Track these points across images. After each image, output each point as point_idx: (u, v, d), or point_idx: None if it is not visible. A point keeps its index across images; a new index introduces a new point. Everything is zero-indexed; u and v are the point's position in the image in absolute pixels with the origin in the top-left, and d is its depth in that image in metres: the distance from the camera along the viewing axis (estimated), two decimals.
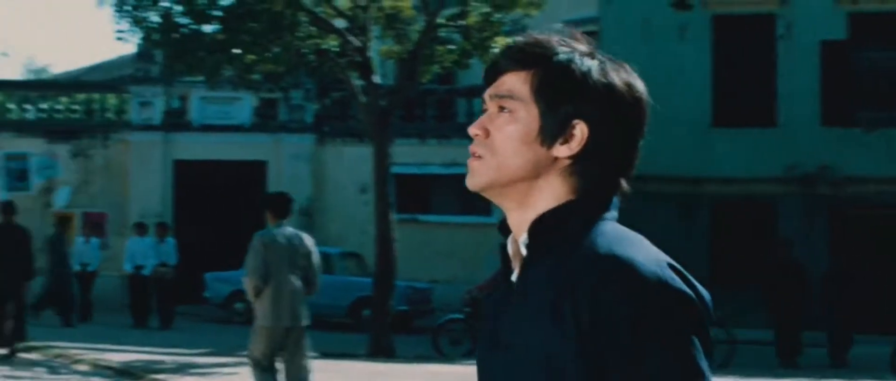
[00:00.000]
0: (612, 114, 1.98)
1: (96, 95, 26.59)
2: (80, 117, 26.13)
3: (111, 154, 25.31)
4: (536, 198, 1.99)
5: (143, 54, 24.38)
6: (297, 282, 9.86)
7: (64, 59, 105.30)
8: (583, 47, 2.02)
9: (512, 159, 1.98)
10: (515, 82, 2.00)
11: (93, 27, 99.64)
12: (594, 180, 1.99)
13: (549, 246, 1.96)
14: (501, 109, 2.01)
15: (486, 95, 2.04)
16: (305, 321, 10.00)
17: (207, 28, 18.39)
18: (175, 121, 25.22)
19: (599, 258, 1.89)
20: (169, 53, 18.93)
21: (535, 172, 1.99)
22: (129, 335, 18.92)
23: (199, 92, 24.34)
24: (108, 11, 25.57)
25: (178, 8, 18.35)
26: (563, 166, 1.99)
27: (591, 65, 1.99)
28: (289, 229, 9.90)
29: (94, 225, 22.95)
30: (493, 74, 2.04)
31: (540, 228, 1.98)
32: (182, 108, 25.45)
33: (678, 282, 1.88)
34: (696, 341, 1.86)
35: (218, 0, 18.26)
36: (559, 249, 1.94)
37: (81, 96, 26.75)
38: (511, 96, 2.00)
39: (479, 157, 2.01)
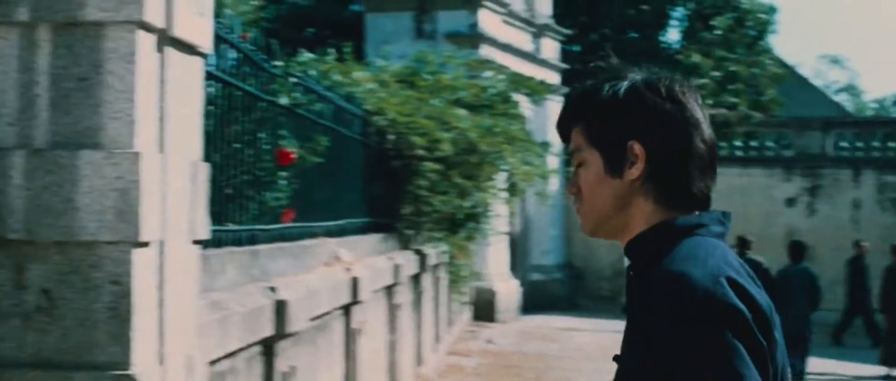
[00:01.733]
0: (658, 126, 2.06)
1: None
2: None
3: None
4: (632, 225, 2.11)
5: None
6: None
7: None
8: (624, 75, 2.12)
9: (597, 199, 2.13)
10: (577, 137, 2.17)
11: None
12: (671, 190, 2.07)
13: (638, 269, 2.08)
14: (579, 164, 2.17)
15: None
16: None
17: None
18: None
19: (656, 274, 1.96)
20: None
21: (622, 203, 2.10)
22: None
23: None
24: None
25: None
26: (639, 187, 2.08)
27: (621, 88, 2.10)
28: None
29: None
30: (563, 136, 2.22)
31: (629, 252, 2.12)
32: None
33: (729, 296, 1.89)
34: (742, 349, 1.86)
35: None
36: (645, 271, 2.04)
37: None
38: (579, 150, 2.16)
39: (579, 209, 2.18)
